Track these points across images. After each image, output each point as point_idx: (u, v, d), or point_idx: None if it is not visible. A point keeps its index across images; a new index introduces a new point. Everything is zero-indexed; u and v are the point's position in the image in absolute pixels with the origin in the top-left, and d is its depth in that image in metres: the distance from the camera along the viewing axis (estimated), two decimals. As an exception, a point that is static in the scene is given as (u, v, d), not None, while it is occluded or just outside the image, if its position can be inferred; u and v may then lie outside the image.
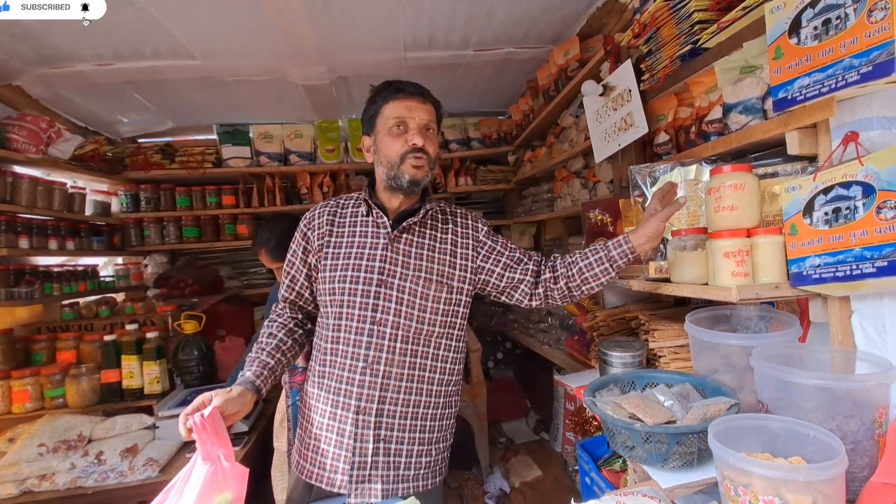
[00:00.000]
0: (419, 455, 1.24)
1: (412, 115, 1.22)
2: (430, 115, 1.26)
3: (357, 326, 1.20)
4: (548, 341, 2.60)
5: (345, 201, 1.35)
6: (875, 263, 0.88)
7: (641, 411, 1.08)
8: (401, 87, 1.24)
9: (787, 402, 0.96)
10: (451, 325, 1.27)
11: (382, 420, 1.20)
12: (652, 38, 1.54)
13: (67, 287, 2.58)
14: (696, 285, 1.14)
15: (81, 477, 1.84)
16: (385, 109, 1.25)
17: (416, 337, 1.22)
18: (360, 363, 1.20)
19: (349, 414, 1.20)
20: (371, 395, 1.19)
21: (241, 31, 2.05)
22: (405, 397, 1.21)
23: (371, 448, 1.19)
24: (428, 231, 1.28)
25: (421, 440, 1.24)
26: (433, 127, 1.27)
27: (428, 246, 1.26)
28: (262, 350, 1.23)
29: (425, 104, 1.24)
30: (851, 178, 0.91)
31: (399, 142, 1.22)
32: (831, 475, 0.76)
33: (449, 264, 1.26)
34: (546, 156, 2.76)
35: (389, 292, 1.21)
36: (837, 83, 0.90)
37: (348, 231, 1.29)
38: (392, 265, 1.22)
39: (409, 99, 1.23)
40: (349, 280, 1.22)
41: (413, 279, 1.22)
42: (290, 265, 1.33)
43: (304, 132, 3.31)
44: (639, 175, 1.36)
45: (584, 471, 1.58)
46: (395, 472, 1.21)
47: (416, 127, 1.22)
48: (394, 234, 1.24)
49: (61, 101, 2.61)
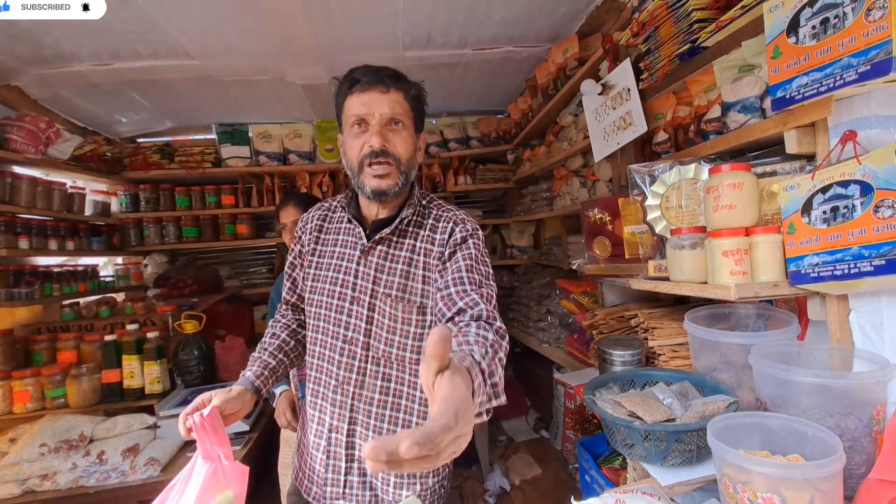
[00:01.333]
0: (397, 487, 1.11)
1: (370, 110, 1.03)
2: (398, 106, 1.05)
3: (331, 343, 1.13)
4: (547, 340, 2.61)
5: (336, 204, 1.24)
6: (873, 262, 0.88)
7: (641, 409, 1.08)
8: (356, 78, 1.06)
9: (785, 400, 0.97)
10: None
11: (354, 441, 1.11)
12: (651, 37, 1.54)
13: (67, 287, 2.58)
14: (695, 284, 1.15)
15: (83, 476, 1.84)
16: (346, 105, 1.08)
17: (387, 360, 1.10)
18: (333, 381, 1.13)
19: (323, 429, 1.14)
20: (342, 415, 1.11)
21: (240, 30, 2.05)
22: (377, 424, 1.10)
23: (343, 467, 1.12)
24: (406, 241, 1.12)
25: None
26: (402, 119, 1.06)
27: (404, 259, 1.10)
28: (265, 350, 1.21)
29: (388, 93, 1.05)
30: (849, 176, 0.92)
31: (358, 144, 1.05)
32: (829, 472, 0.76)
33: (423, 280, 1.09)
34: (545, 154, 2.76)
35: (360, 310, 1.10)
36: (836, 82, 0.90)
37: (332, 239, 1.19)
38: (364, 281, 1.10)
39: (366, 91, 1.04)
40: (326, 293, 1.14)
41: (382, 297, 1.09)
42: (290, 267, 1.29)
43: (304, 132, 3.31)
44: (637, 174, 1.37)
45: (584, 469, 1.58)
46: (372, 492, 1.12)
47: (376, 124, 1.04)
48: (367, 246, 1.11)
49: (60, 102, 2.61)
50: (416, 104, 1.12)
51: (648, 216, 1.32)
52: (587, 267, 1.76)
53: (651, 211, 1.32)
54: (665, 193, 1.30)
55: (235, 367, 2.43)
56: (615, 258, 1.62)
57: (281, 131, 3.29)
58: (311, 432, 1.19)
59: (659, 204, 1.31)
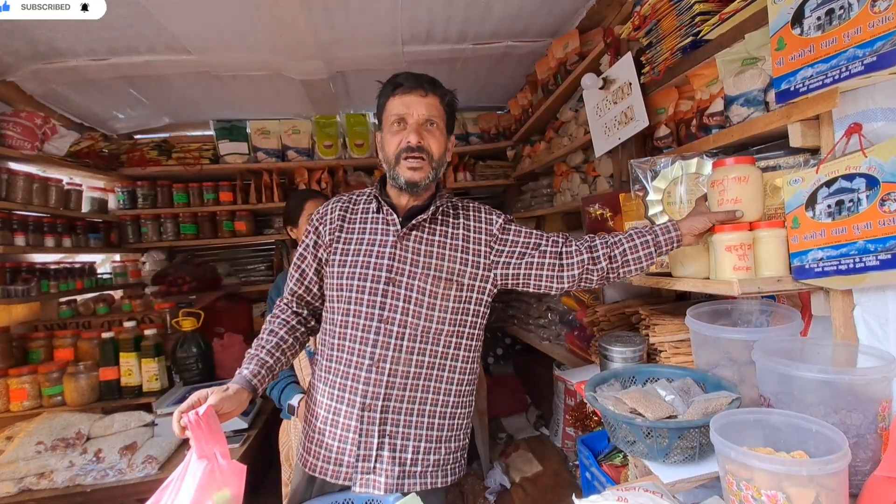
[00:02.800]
0: (426, 452, 1.22)
1: (410, 111, 1.18)
2: (433, 109, 1.20)
3: (364, 324, 1.19)
4: (548, 337, 2.60)
5: (357, 197, 1.34)
6: (878, 256, 0.87)
7: (642, 406, 1.07)
8: (399, 83, 1.20)
9: (789, 397, 0.96)
10: (462, 324, 1.24)
11: (388, 416, 1.19)
12: (652, 31, 1.52)
13: (64, 284, 2.57)
14: (698, 279, 1.14)
15: (80, 475, 1.83)
16: (387, 106, 1.22)
17: (425, 335, 1.20)
18: (367, 360, 1.19)
19: (354, 410, 1.20)
20: (377, 393, 1.18)
21: (237, 25, 2.03)
22: (412, 394, 1.20)
23: (376, 443, 1.19)
24: (439, 227, 1.25)
25: (429, 437, 1.22)
26: (437, 121, 1.21)
27: (438, 243, 1.23)
28: (262, 348, 1.22)
29: (426, 97, 1.19)
30: (855, 170, 0.91)
31: (396, 140, 1.19)
32: (834, 469, 0.75)
33: (460, 261, 1.23)
34: (545, 150, 2.75)
35: (398, 290, 1.19)
36: (841, 74, 0.89)
37: (359, 228, 1.27)
38: (401, 263, 1.21)
39: (407, 94, 1.19)
40: (357, 277, 1.21)
41: (422, 277, 1.20)
42: (300, 259, 1.32)
43: (302, 128, 3.29)
44: (639, 169, 1.35)
45: (585, 466, 1.58)
46: (401, 467, 1.20)
47: (414, 123, 1.18)
48: (403, 232, 1.22)
49: (56, 97, 2.59)
50: (449, 109, 1.26)
51: (650, 211, 1.31)
52: (588, 263, 1.74)
53: (653, 206, 1.31)
54: (667, 188, 1.29)
55: (233, 364, 2.39)
56: (616, 254, 1.61)
57: (279, 127, 3.27)
58: (332, 417, 1.22)
59: (661, 199, 1.29)
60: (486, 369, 3.44)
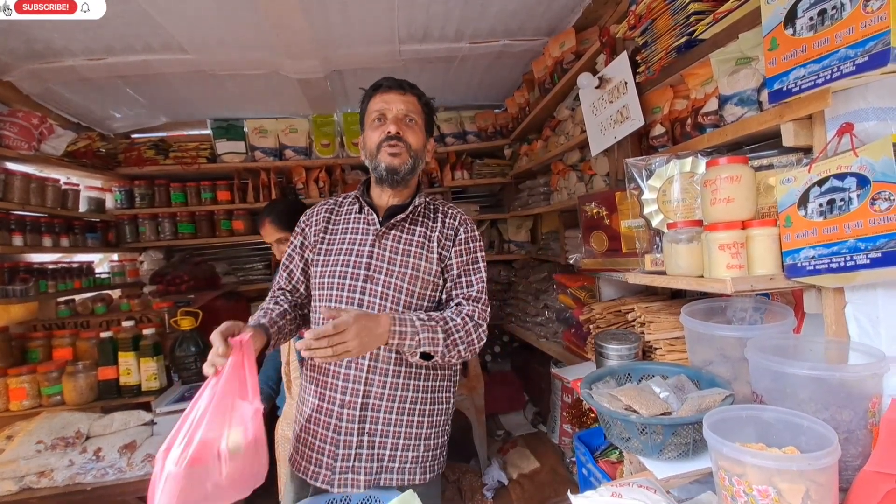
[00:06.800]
0: (405, 449, 1.24)
1: (389, 106, 1.26)
2: (411, 105, 1.28)
3: None
4: (545, 334, 2.61)
5: (343, 199, 1.39)
6: (869, 254, 0.88)
7: (637, 403, 1.08)
8: (379, 84, 1.30)
9: (781, 393, 0.97)
10: None
11: (367, 414, 1.21)
12: (648, 30, 1.53)
13: (62, 284, 2.56)
14: (692, 277, 1.15)
15: (80, 473, 1.84)
16: (369, 105, 1.30)
17: None
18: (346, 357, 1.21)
19: (334, 407, 1.22)
20: (356, 389, 1.21)
21: (234, 23, 2.03)
22: (391, 392, 1.22)
23: (355, 441, 1.21)
24: (417, 227, 1.30)
25: (407, 434, 1.24)
26: (415, 117, 1.28)
27: (416, 242, 1.28)
28: (270, 311, 1.26)
29: (404, 95, 1.28)
30: (846, 169, 0.91)
31: (377, 133, 1.26)
32: (824, 464, 0.77)
33: (432, 260, 1.28)
34: (542, 149, 2.75)
35: (375, 287, 1.23)
36: (833, 74, 0.90)
37: (342, 228, 1.32)
38: (378, 261, 1.25)
39: (387, 92, 1.27)
40: (338, 275, 1.25)
41: (398, 275, 1.24)
42: (288, 259, 1.37)
43: (299, 126, 3.29)
44: (634, 168, 1.36)
45: (581, 462, 1.59)
46: (379, 464, 1.22)
47: (393, 117, 1.25)
48: (382, 231, 1.27)
49: (52, 97, 2.59)
50: (427, 109, 1.33)
51: (645, 210, 1.32)
52: (584, 262, 1.75)
53: (648, 205, 1.31)
54: (662, 187, 1.29)
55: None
56: (612, 253, 1.62)
57: (276, 126, 3.27)
58: (315, 415, 1.25)
59: (655, 198, 1.30)
60: (484, 366, 3.45)
